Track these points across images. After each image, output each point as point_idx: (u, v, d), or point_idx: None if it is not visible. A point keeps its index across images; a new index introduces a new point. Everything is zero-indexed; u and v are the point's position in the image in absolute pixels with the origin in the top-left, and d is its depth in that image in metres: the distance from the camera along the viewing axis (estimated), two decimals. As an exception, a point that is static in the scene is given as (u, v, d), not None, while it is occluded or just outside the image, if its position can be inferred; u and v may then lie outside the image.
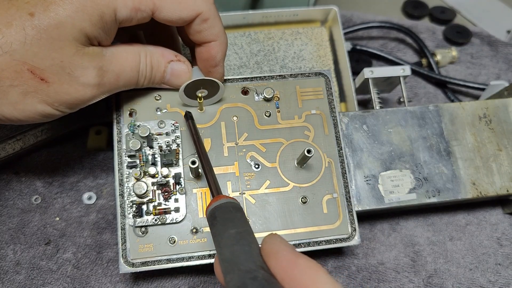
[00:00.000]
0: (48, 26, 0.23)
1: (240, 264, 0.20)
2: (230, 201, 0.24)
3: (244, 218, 0.23)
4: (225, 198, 0.24)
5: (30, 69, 0.24)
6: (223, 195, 0.25)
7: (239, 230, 0.22)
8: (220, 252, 0.21)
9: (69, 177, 0.40)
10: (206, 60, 0.30)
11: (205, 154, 0.29)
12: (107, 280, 0.36)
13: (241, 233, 0.22)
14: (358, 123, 0.36)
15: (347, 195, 0.33)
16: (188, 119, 0.31)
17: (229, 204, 0.23)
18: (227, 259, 0.20)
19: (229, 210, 0.23)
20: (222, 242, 0.21)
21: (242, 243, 0.21)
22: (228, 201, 0.24)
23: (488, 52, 0.53)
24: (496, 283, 0.38)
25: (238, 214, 0.23)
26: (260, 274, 0.19)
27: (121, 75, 0.28)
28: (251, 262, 0.20)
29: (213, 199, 0.24)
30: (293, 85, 0.35)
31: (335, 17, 0.45)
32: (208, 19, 0.28)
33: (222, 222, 0.22)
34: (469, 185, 0.36)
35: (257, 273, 0.19)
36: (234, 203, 0.24)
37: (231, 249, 0.21)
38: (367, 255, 0.39)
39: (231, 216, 0.23)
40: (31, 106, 0.25)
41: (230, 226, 0.22)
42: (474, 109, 0.38)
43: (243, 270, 0.19)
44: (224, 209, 0.23)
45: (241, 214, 0.23)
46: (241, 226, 0.22)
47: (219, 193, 0.26)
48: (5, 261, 0.36)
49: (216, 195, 0.25)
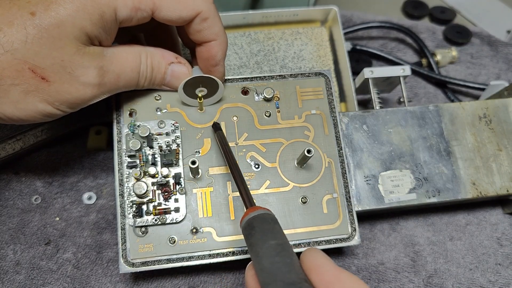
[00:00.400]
0: (49, 25, 0.24)
1: (282, 276, 0.20)
2: (268, 212, 0.24)
3: (282, 230, 0.23)
4: (262, 209, 0.24)
5: (31, 68, 0.24)
6: (259, 206, 0.24)
7: (279, 241, 0.22)
8: (259, 262, 0.21)
9: (69, 177, 0.40)
10: (206, 59, 0.30)
11: (236, 166, 0.28)
12: (107, 280, 0.36)
13: (282, 245, 0.21)
14: (358, 123, 0.36)
15: (347, 195, 0.33)
16: (217, 130, 0.31)
17: (267, 215, 0.23)
18: (268, 270, 0.20)
19: (267, 221, 0.23)
20: (261, 253, 0.21)
21: (283, 254, 0.21)
22: (266, 212, 0.24)
23: (488, 52, 0.53)
24: (496, 283, 0.38)
25: (277, 226, 0.23)
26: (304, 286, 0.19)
27: (121, 75, 0.28)
28: (294, 274, 0.20)
29: (249, 209, 0.24)
30: (293, 85, 0.35)
31: (335, 17, 0.45)
32: (207, 18, 0.28)
33: (261, 232, 0.22)
34: (469, 185, 0.36)
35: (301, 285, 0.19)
36: (272, 214, 0.24)
37: (272, 260, 0.21)
38: (367, 255, 0.39)
39: (270, 227, 0.23)
40: (32, 105, 0.25)
41: (270, 237, 0.22)
42: (474, 109, 0.38)
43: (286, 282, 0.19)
44: (263, 220, 0.23)
45: (279, 226, 0.23)
46: (281, 238, 0.22)
47: (253, 204, 0.25)
48: (5, 261, 0.36)
49: (250, 206, 0.25)
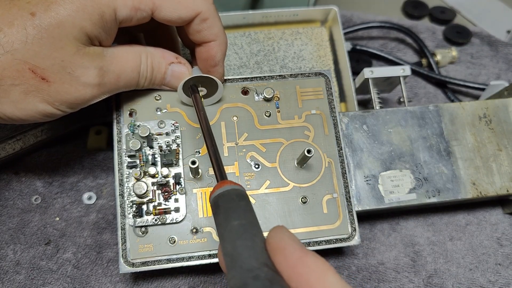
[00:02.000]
0: (49, 26, 0.24)
1: (241, 261, 0.19)
2: (234, 187, 0.22)
3: (249, 208, 0.21)
4: (229, 184, 0.22)
5: (31, 69, 0.24)
6: (228, 180, 0.23)
7: (242, 222, 0.20)
8: (223, 245, 0.20)
9: (69, 177, 0.40)
10: (206, 60, 0.30)
11: (211, 133, 0.27)
12: (107, 280, 0.36)
13: (245, 226, 0.20)
14: (358, 123, 0.36)
15: (347, 195, 0.33)
16: (194, 93, 0.30)
17: (233, 191, 0.22)
18: (229, 253, 0.19)
19: (232, 199, 0.21)
20: (225, 235, 0.20)
21: (245, 236, 0.20)
22: (232, 187, 0.22)
23: (488, 52, 0.53)
24: (496, 283, 0.38)
25: (242, 203, 0.21)
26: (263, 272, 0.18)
27: (121, 75, 0.28)
28: (254, 258, 0.19)
29: (216, 184, 0.22)
30: (293, 85, 0.35)
31: (335, 17, 0.45)
32: (207, 19, 0.28)
33: (225, 212, 0.21)
34: (469, 185, 0.36)
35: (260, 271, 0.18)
36: (239, 190, 0.22)
37: (234, 243, 0.19)
38: (367, 255, 0.39)
39: (234, 206, 0.21)
40: (32, 105, 0.25)
41: (233, 217, 0.20)
42: (474, 109, 0.38)
43: (245, 268, 0.18)
44: (227, 197, 0.21)
45: (245, 203, 0.21)
46: (245, 218, 0.20)
47: (224, 178, 0.24)
48: (5, 261, 0.36)
49: (221, 180, 0.23)
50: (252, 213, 0.21)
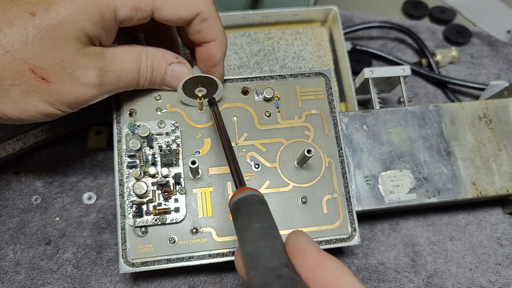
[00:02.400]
0: (49, 26, 0.24)
1: (264, 261, 0.19)
2: (254, 193, 0.23)
3: (268, 212, 0.22)
4: (249, 190, 0.23)
5: (31, 69, 0.24)
6: (247, 187, 0.24)
7: (263, 224, 0.21)
8: (243, 246, 0.21)
9: (69, 177, 0.40)
10: (206, 60, 0.30)
11: (229, 142, 0.28)
12: (107, 280, 0.36)
13: (266, 228, 0.21)
14: (358, 123, 0.36)
15: (347, 195, 0.33)
16: (213, 105, 0.31)
17: (254, 196, 0.23)
18: (251, 254, 0.20)
19: (253, 203, 0.22)
20: (246, 236, 0.21)
21: (266, 238, 0.20)
22: (252, 193, 0.23)
23: (488, 52, 0.53)
24: (496, 283, 0.38)
25: (263, 208, 0.22)
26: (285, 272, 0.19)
27: (121, 75, 0.28)
28: (276, 259, 0.19)
29: (236, 190, 0.23)
30: (293, 85, 0.35)
31: (335, 17, 0.45)
32: (207, 19, 0.28)
33: (246, 215, 0.22)
34: (469, 185, 0.36)
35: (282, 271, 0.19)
36: (259, 195, 0.23)
37: (255, 244, 0.20)
38: (367, 255, 0.39)
39: (255, 209, 0.22)
40: (33, 105, 0.25)
41: (254, 220, 0.21)
42: (474, 109, 0.38)
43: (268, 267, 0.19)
44: (248, 202, 0.22)
45: (265, 208, 0.23)
46: (266, 221, 0.21)
47: (243, 185, 0.25)
48: (5, 261, 0.36)
49: (240, 187, 0.24)
50: (272, 218, 0.22)
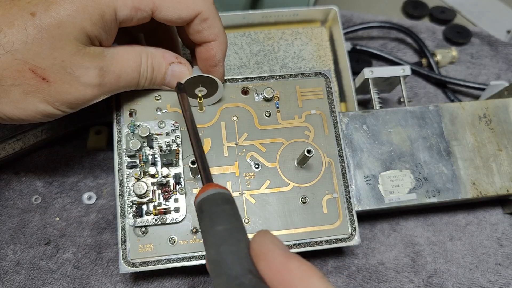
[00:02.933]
0: (49, 26, 0.24)
1: (226, 268, 0.18)
2: (219, 191, 0.21)
3: (234, 212, 0.21)
4: (213, 188, 0.21)
5: (31, 69, 0.24)
6: (213, 183, 0.22)
7: (227, 226, 0.20)
8: (207, 251, 0.20)
9: (69, 177, 0.40)
10: (206, 60, 0.30)
11: (196, 134, 0.26)
12: (107, 280, 0.36)
13: (229, 230, 0.20)
14: (358, 123, 0.36)
15: (347, 195, 0.33)
16: (180, 92, 0.29)
17: (217, 195, 0.21)
18: (214, 260, 0.19)
19: (216, 203, 0.21)
20: (209, 240, 0.20)
21: (229, 242, 0.19)
22: (217, 191, 0.21)
23: (488, 52, 0.53)
24: (496, 283, 0.38)
25: (227, 207, 0.21)
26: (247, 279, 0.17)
27: (122, 76, 0.28)
28: (238, 265, 0.18)
29: (201, 188, 0.22)
30: (293, 85, 0.35)
31: (335, 17, 0.45)
32: (207, 19, 0.28)
33: (209, 217, 0.20)
34: (469, 185, 0.36)
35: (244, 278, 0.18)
36: (224, 193, 0.21)
37: (218, 249, 0.19)
38: (367, 255, 0.39)
39: (218, 210, 0.20)
40: (33, 106, 0.25)
41: (217, 222, 0.20)
42: (474, 109, 0.38)
43: (230, 275, 0.18)
44: (212, 202, 0.21)
45: (230, 207, 0.21)
46: (229, 222, 0.20)
47: (210, 181, 0.23)
48: (5, 261, 0.36)
49: (206, 183, 0.23)
50: (237, 217, 0.21)
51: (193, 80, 0.31)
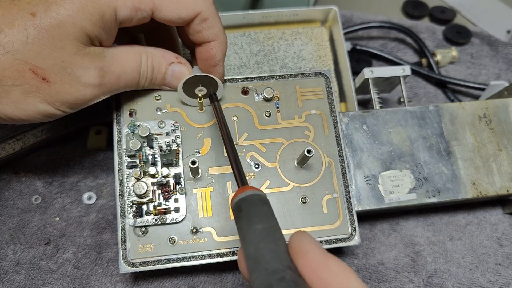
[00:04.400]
0: (49, 26, 0.24)
1: (266, 263, 0.19)
2: (256, 193, 0.22)
3: (271, 212, 0.22)
4: (251, 190, 0.22)
5: (31, 69, 0.24)
6: (249, 186, 0.23)
7: (265, 225, 0.21)
8: (245, 248, 0.20)
9: (69, 177, 0.40)
10: (206, 59, 0.30)
11: (230, 140, 0.27)
12: (107, 280, 0.36)
13: (268, 229, 0.21)
14: (358, 123, 0.36)
15: (347, 195, 0.33)
16: (214, 101, 0.30)
17: (256, 196, 0.22)
18: (253, 256, 0.20)
19: (255, 203, 0.22)
20: (247, 238, 0.20)
21: (268, 240, 0.20)
22: (254, 193, 0.22)
23: (488, 52, 0.53)
24: (496, 283, 0.38)
25: (265, 208, 0.22)
26: (288, 274, 0.18)
27: (122, 76, 0.28)
28: (278, 261, 0.19)
29: (238, 189, 0.23)
30: (293, 85, 0.35)
31: (335, 17, 0.45)
32: (207, 19, 0.28)
33: (247, 216, 0.21)
34: (469, 185, 0.36)
35: (285, 273, 0.18)
36: (261, 195, 0.23)
37: (257, 246, 0.20)
38: (367, 255, 0.39)
39: (257, 210, 0.21)
40: (33, 106, 0.25)
41: (256, 220, 0.21)
42: (474, 109, 0.38)
43: (270, 270, 0.18)
44: (250, 202, 0.22)
45: (267, 208, 0.22)
46: (268, 221, 0.21)
47: (245, 184, 0.24)
48: (5, 261, 0.36)
49: (242, 186, 0.24)
50: (274, 218, 0.22)
51: (193, 80, 0.31)
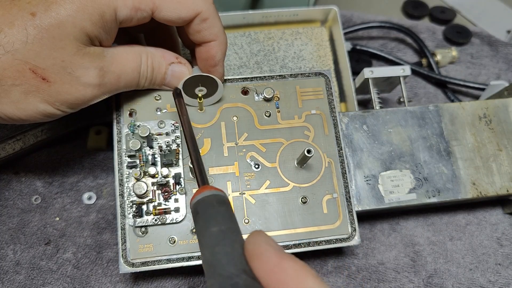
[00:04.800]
0: (49, 26, 0.24)
1: (220, 268, 0.18)
2: (214, 193, 0.21)
3: (229, 213, 0.21)
4: (209, 190, 0.22)
5: (31, 69, 0.24)
6: (209, 186, 0.22)
7: (221, 228, 0.20)
8: (202, 253, 0.20)
9: (69, 177, 0.40)
10: (206, 59, 0.30)
11: (193, 137, 0.26)
12: (107, 280, 0.36)
13: (224, 232, 0.20)
14: (358, 123, 0.36)
15: (347, 195, 0.33)
16: (177, 97, 0.29)
17: (213, 197, 0.21)
18: (208, 261, 0.19)
19: (212, 205, 0.21)
20: (204, 242, 0.20)
21: (224, 243, 0.19)
22: (212, 193, 0.21)
23: (488, 52, 0.53)
24: (496, 283, 0.38)
25: (222, 209, 0.21)
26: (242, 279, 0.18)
27: (122, 76, 0.28)
28: (232, 265, 0.18)
29: (197, 190, 0.22)
30: (293, 85, 0.35)
31: (335, 17, 0.45)
32: (207, 19, 0.28)
33: (204, 218, 0.20)
34: (469, 185, 0.36)
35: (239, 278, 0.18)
36: (219, 195, 0.22)
37: (213, 250, 0.19)
38: (367, 255, 0.39)
39: (213, 212, 0.21)
40: (33, 106, 0.25)
41: (212, 223, 0.20)
42: (474, 109, 0.38)
43: (224, 275, 0.18)
44: (207, 203, 0.21)
45: (225, 209, 0.21)
46: (224, 223, 0.20)
47: (205, 183, 0.23)
48: (5, 261, 0.36)
49: (202, 186, 0.23)
50: (232, 219, 0.21)
51: (193, 79, 0.31)
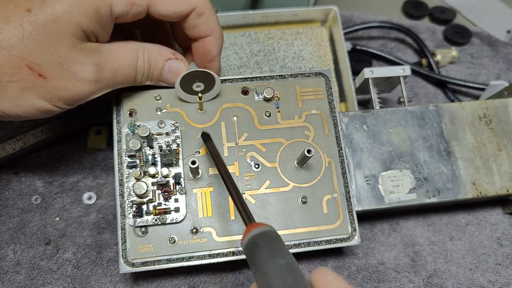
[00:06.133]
0: (45, 21, 0.24)
1: None
2: (271, 229, 0.23)
3: (287, 248, 0.23)
4: (265, 226, 0.23)
5: (28, 65, 0.24)
6: (259, 222, 0.24)
7: (288, 261, 0.21)
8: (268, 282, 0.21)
9: (69, 177, 0.40)
10: (202, 54, 0.30)
11: (230, 177, 0.27)
12: (107, 280, 0.36)
13: (292, 265, 0.21)
14: (358, 123, 0.36)
15: (347, 195, 0.33)
16: (206, 140, 0.30)
17: (271, 232, 0.23)
18: None
19: (272, 239, 0.23)
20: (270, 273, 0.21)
21: (294, 274, 0.21)
22: (270, 229, 0.23)
23: (488, 52, 0.53)
24: (496, 283, 0.38)
25: (282, 243, 0.23)
26: None
27: (118, 71, 0.28)
28: None
29: (250, 225, 0.24)
30: (293, 85, 0.35)
31: (335, 17, 0.45)
32: (203, 14, 0.28)
33: (267, 250, 0.22)
34: (469, 185, 0.36)
35: None
36: (275, 231, 0.23)
37: (284, 279, 0.20)
38: (367, 255, 0.39)
39: (276, 246, 0.22)
40: (30, 102, 0.25)
41: (278, 255, 0.21)
42: (474, 109, 0.38)
43: None
44: (267, 237, 0.23)
45: (283, 244, 0.23)
46: (290, 257, 0.22)
47: (252, 220, 0.25)
48: (5, 261, 0.36)
49: (250, 223, 0.24)
50: (291, 254, 0.22)
51: (190, 75, 0.31)
